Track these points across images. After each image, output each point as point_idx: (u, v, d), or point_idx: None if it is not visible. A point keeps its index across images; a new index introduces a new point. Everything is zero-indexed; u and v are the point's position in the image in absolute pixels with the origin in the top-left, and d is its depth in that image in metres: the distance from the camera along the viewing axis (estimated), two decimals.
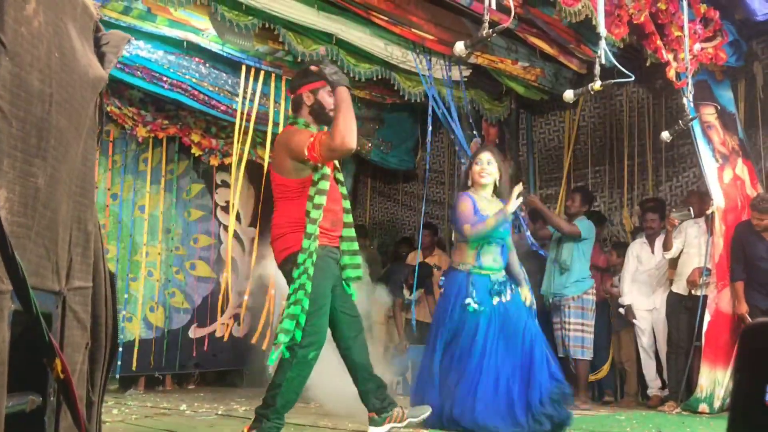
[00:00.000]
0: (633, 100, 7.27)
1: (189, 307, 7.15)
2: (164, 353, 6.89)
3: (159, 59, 5.70)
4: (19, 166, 1.19)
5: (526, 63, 6.16)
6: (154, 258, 6.97)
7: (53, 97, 1.29)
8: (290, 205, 3.82)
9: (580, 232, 6.07)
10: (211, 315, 7.26)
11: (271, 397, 3.68)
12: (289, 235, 3.77)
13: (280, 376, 3.69)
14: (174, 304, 7.05)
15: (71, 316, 1.41)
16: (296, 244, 3.73)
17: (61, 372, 1.00)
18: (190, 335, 7.10)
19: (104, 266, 1.57)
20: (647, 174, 7.14)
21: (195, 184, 7.35)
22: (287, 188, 3.82)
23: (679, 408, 5.59)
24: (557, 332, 6.24)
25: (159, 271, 6.99)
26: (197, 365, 7.21)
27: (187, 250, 7.23)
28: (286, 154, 3.79)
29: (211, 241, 7.39)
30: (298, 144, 3.69)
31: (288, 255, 3.75)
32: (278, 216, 3.89)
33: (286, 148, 3.79)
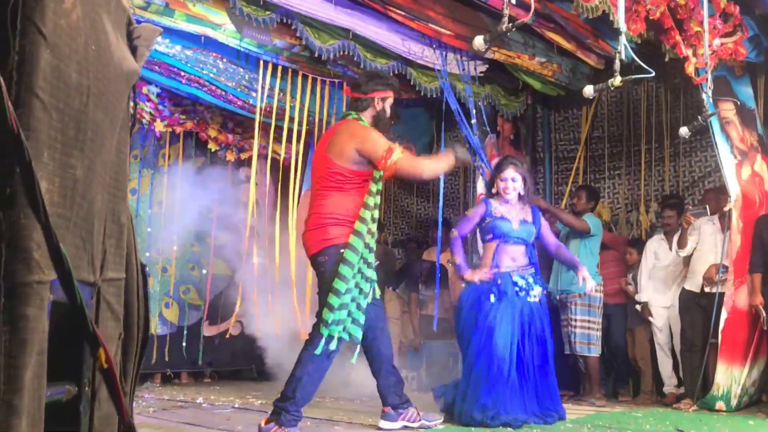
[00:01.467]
0: (650, 96, 7.23)
1: (202, 304, 7.17)
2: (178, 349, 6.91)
3: (177, 54, 5.71)
4: (59, 158, 1.20)
5: (543, 58, 6.13)
6: (170, 254, 7.00)
7: (90, 89, 1.30)
8: (341, 196, 3.89)
9: (590, 227, 6.09)
10: (224, 312, 7.28)
11: (291, 390, 3.72)
12: (331, 227, 3.83)
13: (301, 369, 3.73)
14: (188, 300, 7.07)
15: (105, 307, 1.43)
16: (336, 237, 3.80)
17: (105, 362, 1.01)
18: (202, 332, 7.12)
19: (136, 258, 1.58)
20: (664, 171, 7.10)
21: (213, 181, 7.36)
22: (343, 177, 3.90)
23: (696, 406, 5.56)
24: (564, 329, 6.23)
25: (174, 267, 7.02)
26: (210, 363, 7.24)
27: (204, 247, 7.25)
28: (353, 145, 3.89)
29: (229, 238, 7.40)
30: (375, 144, 3.85)
31: (325, 247, 3.81)
32: (322, 205, 3.92)
33: (357, 140, 3.89)
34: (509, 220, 4.85)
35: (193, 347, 7.04)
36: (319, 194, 3.98)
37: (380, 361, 4.07)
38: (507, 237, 4.83)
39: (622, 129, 7.41)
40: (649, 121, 7.21)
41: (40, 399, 1.17)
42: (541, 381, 4.70)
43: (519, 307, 4.70)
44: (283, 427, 3.68)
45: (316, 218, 3.91)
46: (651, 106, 7.21)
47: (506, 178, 4.92)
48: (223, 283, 7.33)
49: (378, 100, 4.11)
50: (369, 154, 3.86)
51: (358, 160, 3.89)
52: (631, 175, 7.34)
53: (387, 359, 4.08)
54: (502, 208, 4.91)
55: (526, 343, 4.66)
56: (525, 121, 7.27)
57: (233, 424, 4.23)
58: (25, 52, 1.12)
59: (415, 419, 4.12)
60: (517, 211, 4.92)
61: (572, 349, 6.13)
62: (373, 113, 4.11)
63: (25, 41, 1.12)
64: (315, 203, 3.99)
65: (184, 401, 5.34)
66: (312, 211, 3.97)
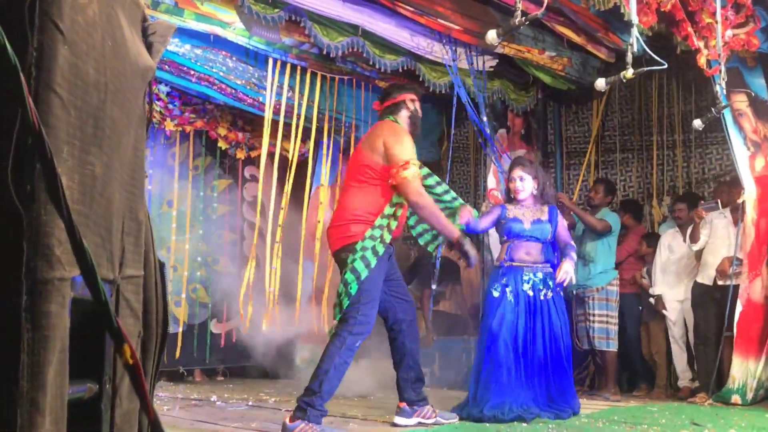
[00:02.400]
0: (662, 89, 7.18)
1: (210, 302, 7.20)
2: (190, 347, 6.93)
3: (186, 53, 5.73)
4: (78, 155, 1.19)
5: (554, 52, 6.11)
6: (180, 253, 7.02)
7: (108, 86, 1.29)
8: (367, 192, 3.97)
9: (611, 227, 6.07)
10: (231, 311, 7.31)
11: (317, 384, 3.70)
12: (353, 224, 3.89)
13: (328, 363, 3.73)
14: (196, 298, 7.10)
15: (124, 304, 1.42)
16: (357, 234, 3.86)
17: (129, 358, 1.01)
18: (211, 329, 7.14)
19: (154, 256, 1.58)
20: (676, 163, 7.07)
21: (222, 180, 7.38)
22: (372, 170, 3.98)
23: (711, 399, 5.54)
24: (581, 324, 6.22)
25: (183, 266, 7.04)
26: (221, 360, 7.26)
27: (211, 245, 7.27)
28: (384, 138, 3.99)
29: (235, 237, 7.42)
30: (401, 149, 3.93)
31: (347, 244, 3.88)
32: (348, 202, 4.01)
33: (389, 136, 4.00)
34: (521, 221, 4.89)
35: (202, 345, 7.06)
36: (347, 190, 4.10)
37: (402, 354, 4.10)
38: (519, 236, 4.88)
39: (634, 122, 7.37)
40: (661, 114, 7.17)
41: (62, 397, 1.17)
42: (555, 377, 4.69)
43: (529, 302, 4.71)
44: (311, 423, 3.64)
45: (340, 214, 4.00)
46: (662, 99, 7.17)
47: (514, 178, 4.98)
48: (230, 281, 7.35)
49: (409, 101, 4.28)
50: (390, 155, 3.93)
51: (384, 153, 3.98)
52: (643, 169, 7.30)
53: (410, 353, 4.11)
54: (516, 210, 4.96)
55: (538, 339, 4.67)
56: (535, 116, 7.23)
57: (247, 421, 4.24)
58: (44, 48, 1.11)
59: (430, 416, 4.12)
60: (531, 211, 4.95)
61: (590, 343, 6.12)
62: (408, 114, 4.25)
63: (43, 37, 1.11)
64: (341, 199, 4.13)
65: (199, 399, 5.35)
66: (338, 207, 4.11)
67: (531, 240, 4.89)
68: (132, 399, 1.47)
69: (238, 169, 7.47)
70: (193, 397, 5.46)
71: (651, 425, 4.26)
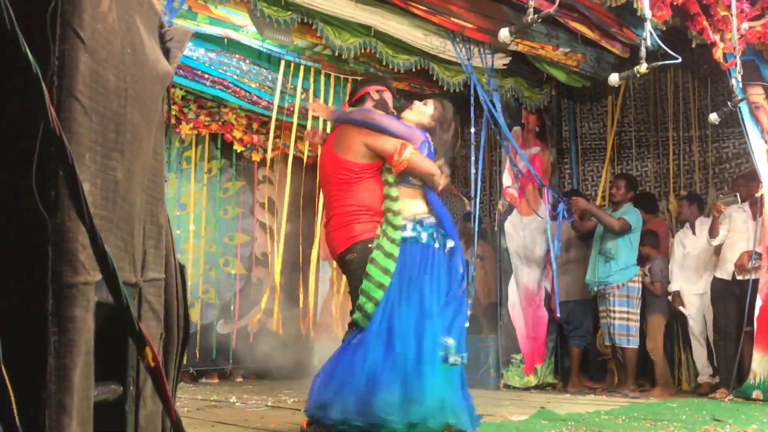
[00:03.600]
0: (677, 84, 7.14)
1: (218, 303, 7.25)
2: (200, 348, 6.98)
3: (200, 57, 5.76)
4: (100, 160, 1.21)
5: (567, 48, 6.09)
6: (193, 255, 7.07)
7: (128, 92, 1.31)
8: (357, 192, 3.80)
9: (631, 226, 6.04)
10: (241, 310, 7.35)
11: None
12: (356, 224, 3.76)
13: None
14: (206, 300, 7.15)
15: (146, 307, 1.44)
16: (362, 233, 3.73)
17: (151, 361, 1.02)
18: (218, 330, 7.20)
19: (175, 258, 1.60)
20: (693, 159, 7.02)
21: (236, 182, 7.43)
22: (352, 172, 3.80)
23: (731, 395, 5.50)
24: (603, 321, 6.21)
25: (198, 268, 7.09)
26: (230, 360, 7.30)
27: (222, 247, 7.32)
28: (361, 139, 3.81)
29: (247, 238, 7.47)
30: (386, 141, 3.75)
31: (352, 244, 3.75)
32: (342, 205, 3.85)
33: (364, 134, 3.80)
34: None
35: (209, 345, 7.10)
36: (334, 195, 3.89)
37: None
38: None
39: (649, 118, 7.34)
40: (676, 109, 7.13)
41: (88, 399, 1.19)
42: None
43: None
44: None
45: (338, 218, 3.83)
46: (678, 95, 7.13)
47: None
48: (240, 283, 7.40)
49: (373, 92, 4.04)
50: (379, 149, 3.78)
51: (366, 153, 3.80)
52: (659, 164, 7.26)
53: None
54: None
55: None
56: (550, 113, 7.22)
57: (267, 422, 4.26)
58: (65, 56, 1.13)
59: None
60: None
61: (611, 340, 6.10)
62: (372, 105, 4.00)
63: (64, 46, 1.13)
64: (333, 205, 3.89)
65: (218, 401, 5.38)
66: (332, 213, 3.88)
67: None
68: (156, 400, 1.49)
69: (252, 171, 7.52)
70: (212, 399, 5.49)
71: (671, 421, 4.24)
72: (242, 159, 7.32)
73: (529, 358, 6.54)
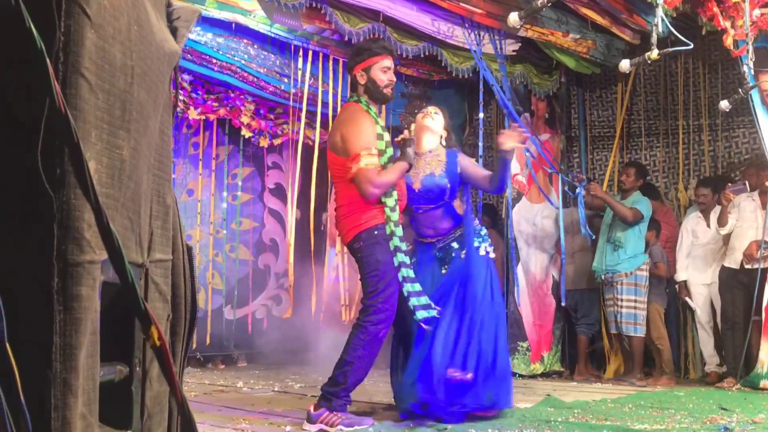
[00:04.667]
0: (688, 72, 7.08)
1: (225, 289, 7.26)
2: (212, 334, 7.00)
3: (208, 42, 5.73)
4: (106, 138, 1.20)
5: (577, 35, 6.04)
6: (201, 241, 7.08)
7: (134, 69, 1.30)
8: (348, 184, 3.77)
9: (643, 215, 6.01)
10: (248, 296, 7.37)
11: (341, 375, 3.67)
12: (361, 213, 3.76)
13: (352, 354, 3.68)
14: (212, 285, 7.16)
15: (153, 288, 1.43)
16: (368, 221, 3.75)
17: (157, 340, 1.01)
18: (225, 316, 7.21)
19: (182, 240, 1.59)
20: (702, 147, 6.97)
21: (244, 168, 7.43)
22: (342, 167, 3.78)
23: (739, 384, 5.48)
24: (609, 309, 6.19)
25: (206, 254, 7.10)
26: (236, 346, 7.32)
27: (230, 233, 7.32)
28: (339, 132, 3.80)
29: (255, 224, 7.47)
30: (351, 142, 3.70)
31: (358, 232, 3.76)
32: (340, 197, 3.87)
33: (342, 128, 3.79)
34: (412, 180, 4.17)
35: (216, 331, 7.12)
36: (337, 188, 3.92)
37: None
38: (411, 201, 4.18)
39: (659, 106, 7.28)
40: (687, 97, 7.07)
41: (94, 378, 1.19)
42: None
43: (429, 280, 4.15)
44: (334, 412, 3.61)
45: (344, 208, 3.85)
46: (688, 83, 7.07)
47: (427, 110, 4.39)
48: (246, 269, 7.41)
49: (361, 74, 3.87)
50: (345, 149, 3.72)
51: (342, 148, 3.76)
52: (668, 153, 7.22)
53: None
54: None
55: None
56: (559, 100, 7.17)
57: (274, 406, 4.27)
58: (71, 32, 1.12)
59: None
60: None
61: (618, 328, 6.09)
62: (363, 89, 3.88)
63: (70, 21, 1.12)
64: (337, 195, 3.92)
65: (225, 386, 5.40)
66: (337, 204, 3.91)
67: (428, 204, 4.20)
68: (162, 382, 1.48)
69: (262, 157, 7.51)
70: (219, 384, 5.51)
71: (678, 410, 4.23)
72: (250, 145, 7.31)
73: (535, 345, 6.53)
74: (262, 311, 7.51)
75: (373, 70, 3.86)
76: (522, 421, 3.74)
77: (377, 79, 3.86)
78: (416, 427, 3.60)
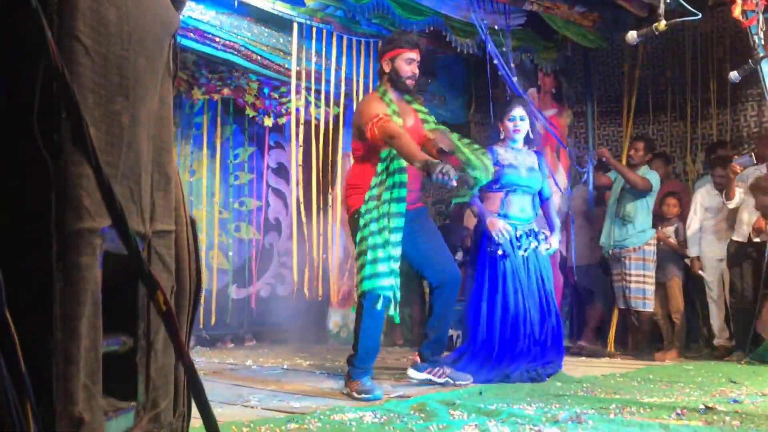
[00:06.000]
0: (695, 44, 7.00)
1: (231, 269, 7.27)
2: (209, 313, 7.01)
3: (211, 20, 5.68)
4: (104, 104, 1.17)
5: (584, 8, 5.96)
6: (206, 221, 7.07)
7: (131, 35, 1.27)
8: (356, 167, 4.15)
9: (652, 186, 5.97)
10: (253, 275, 7.39)
11: (354, 345, 4.00)
12: (353, 196, 4.06)
13: (357, 326, 4.00)
14: (216, 265, 7.17)
15: (156, 258, 1.41)
16: (355, 204, 4.04)
17: (163, 304, 0.99)
18: (232, 295, 7.23)
19: (185, 211, 1.56)
20: (711, 120, 6.91)
21: (248, 148, 7.40)
22: (355, 149, 4.14)
23: (747, 358, 5.46)
24: (617, 284, 6.17)
25: (210, 234, 7.10)
26: (243, 324, 7.35)
27: (233, 212, 7.33)
28: (355, 117, 4.14)
29: (259, 204, 7.46)
30: (362, 114, 3.97)
31: (351, 213, 4.08)
32: (350, 175, 4.25)
33: (358, 114, 4.08)
34: (517, 168, 4.65)
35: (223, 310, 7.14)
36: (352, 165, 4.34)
37: (430, 314, 4.29)
38: (515, 187, 4.66)
39: (667, 80, 7.20)
40: (695, 70, 6.99)
41: (96, 349, 1.17)
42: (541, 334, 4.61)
43: (519, 262, 4.58)
44: (353, 379, 3.88)
45: (351, 186, 4.14)
46: (696, 56, 6.99)
47: (515, 117, 4.72)
48: (251, 248, 7.42)
49: (387, 63, 4.14)
50: (360, 124, 3.97)
51: (356, 132, 4.08)
52: (676, 127, 7.15)
53: (436, 315, 4.23)
54: (509, 155, 4.71)
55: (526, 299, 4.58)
56: (566, 74, 7.10)
57: (284, 384, 4.28)
58: None
59: (440, 376, 4.19)
60: (524, 156, 4.73)
61: (627, 303, 6.07)
62: (386, 77, 4.16)
63: None
64: (349, 173, 4.33)
65: (234, 364, 5.41)
66: (347, 181, 4.26)
67: (526, 192, 4.70)
68: (167, 354, 1.46)
69: (264, 137, 7.49)
70: (229, 362, 5.52)
71: (687, 383, 4.22)
72: (254, 124, 7.28)
73: None
74: (266, 290, 7.52)
75: (398, 60, 4.13)
76: (531, 395, 3.73)
77: (401, 69, 4.12)
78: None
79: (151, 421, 1.40)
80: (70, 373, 1.09)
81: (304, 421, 2.93)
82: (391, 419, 3.04)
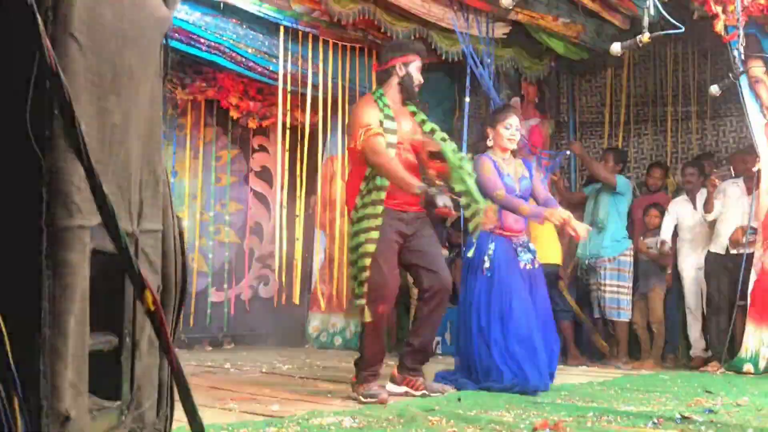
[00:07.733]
0: (678, 57, 7.09)
1: (211, 271, 7.24)
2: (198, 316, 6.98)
3: (196, 21, 5.67)
4: (96, 102, 1.17)
5: (567, 19, 6.02)
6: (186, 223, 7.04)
7: (126, 33, 1.27)
8: (352, 171, 4.16)
9: (616, 182, 6.03)
10: (232, 279, 7.35)
11: (360, 349, 4.03)
12: (349, 200, 4.08)
13: (361, 331, 4.04)
14: (199, 268, 7.15)
15: (143, 258, 1.41)
16: (351, 206, 4.06)
17: (151, 304, 1.00)
18: (211, 298, 7.20)
19: (172, 211, 1.56)
20: (691, 134, 6.99)
21: (231, 150, 7.38)
22: (350, 154, 4.22)
23: (723, 368, 5.52)
24: (593, 293, 6.22)
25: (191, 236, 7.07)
26: (222, 328, 7.32)
27: (214, 215, 7.30)
28: (349, 122, 4.14)
29: (240, 207, 7.45)
30: (354, 122, 3.96)
31: (349, 214, 4.10)
32: (348, 176, 4.25)
33: (351, 118, 4.08)
34: (512, 177, 4.53)
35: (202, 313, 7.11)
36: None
37: (416, 320, 4.23)
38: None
39: (648, 93, 7.29)
40: (676, 84, 7.08)
41: (83, 346, 1.17)
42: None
43: (517, 273, 4.47)
44: (360, 384, 3.89)
45: (348, 188, 4.17)
46: (677, 69, 7.08)
47: (510, 125, 4.54)
48: (231, 251, 7.39)
49: (399, 66, 4.08)
50: (350, 131, 4.01)
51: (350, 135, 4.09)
52: (657, 138, 7.24)
53: (423, 322, 4.13)
54: (504, 164, 4.55)
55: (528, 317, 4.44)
56: (549, 85, 7.16)
57: (262, 387, 4.26)
58: None
59: (417, 388, 4.10)
60: (515, 167, 4.61)
61: (601, 313, 6.11)
62: (397, 80, 4.08)
63: None
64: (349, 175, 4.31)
65: (213, 367, 5.38)
66: (346, 183, 4.32)
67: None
68: (152, 354, 1.46)
69: (248, 140, 7.47)
70: (207, 365, 5.50)
71: (663, 393, 4.26)
72: (237, 126, 7.26)
73: None
74: (247, 293, 7.49)
75: (411, 66, 4.12)
76: (509, 402, 3.75)
77: (414, 76, 4.12)
78: None
79: (135, 420, 1.40)
80: (58, 370, 1.08)
81: (282, 425, 2.92)
82: (370, 424, 3.05)
